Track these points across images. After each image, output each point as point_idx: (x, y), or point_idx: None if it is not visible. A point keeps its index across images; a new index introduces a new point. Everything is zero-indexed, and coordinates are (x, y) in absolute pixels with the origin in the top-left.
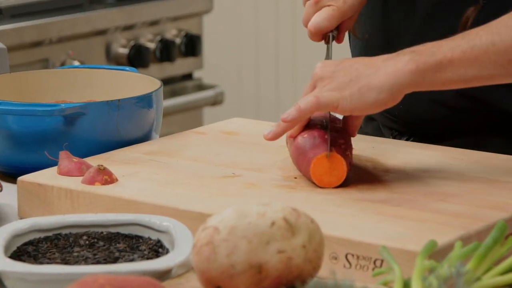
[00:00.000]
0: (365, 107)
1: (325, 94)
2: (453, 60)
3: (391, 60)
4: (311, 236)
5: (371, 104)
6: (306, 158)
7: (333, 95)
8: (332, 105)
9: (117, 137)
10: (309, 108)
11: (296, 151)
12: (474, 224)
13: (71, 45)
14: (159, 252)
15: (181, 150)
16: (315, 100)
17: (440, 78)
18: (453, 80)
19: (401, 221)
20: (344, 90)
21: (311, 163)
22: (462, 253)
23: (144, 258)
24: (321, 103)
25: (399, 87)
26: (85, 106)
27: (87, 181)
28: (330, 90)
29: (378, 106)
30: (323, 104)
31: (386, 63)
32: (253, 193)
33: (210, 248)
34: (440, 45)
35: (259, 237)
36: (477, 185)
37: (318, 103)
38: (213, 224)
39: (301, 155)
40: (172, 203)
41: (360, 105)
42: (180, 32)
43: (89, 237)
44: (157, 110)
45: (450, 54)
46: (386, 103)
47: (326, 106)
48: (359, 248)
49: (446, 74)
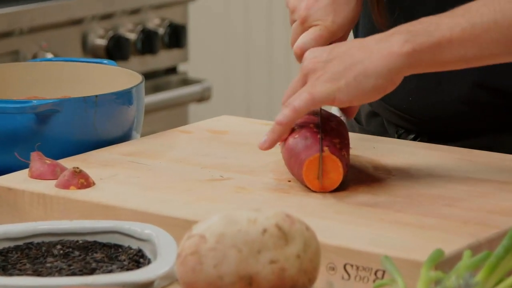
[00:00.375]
0: (364, 96)
1: (319, 88)
2: (452, 40)
3: (384, 41)
4: (306, 244)
5: (370, 92)
6: (298, 160)
7: (328, 87)
8: (328, 99)
9: (95, 137)
10: (304, 106)
11: (287, 154)
12: (484, 231)
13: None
14: (140, 263)
15: (165, 150)
16: (310, 97)
17: (439, 59)
18: (453, 61)
19: (404, 228)
20: (339, 80)
21: (303, 165)
22: (471, 263)
23: (124, 269)
24: (316, 98)
25: (397, 71)
26: (59, 102)
27: (62, 185)
28: (324, 82)
29: (377, 93)
30: (319, 100)
31: (380, 45)
32: (243, 197)
33: (196, 258)
34: (438, 22)
35: (249, 246)
36: (487, 188)
37: (313, 99)
38: (200, 232)
39: (292, 158)
40: (154, 209)
41: (358, 94)
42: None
43: (64, 246)
44: (138, 107)
45: (449, 34)
46: (385, 88)
47: (322, 101)
48: (359, 258)
49: (445, 55)
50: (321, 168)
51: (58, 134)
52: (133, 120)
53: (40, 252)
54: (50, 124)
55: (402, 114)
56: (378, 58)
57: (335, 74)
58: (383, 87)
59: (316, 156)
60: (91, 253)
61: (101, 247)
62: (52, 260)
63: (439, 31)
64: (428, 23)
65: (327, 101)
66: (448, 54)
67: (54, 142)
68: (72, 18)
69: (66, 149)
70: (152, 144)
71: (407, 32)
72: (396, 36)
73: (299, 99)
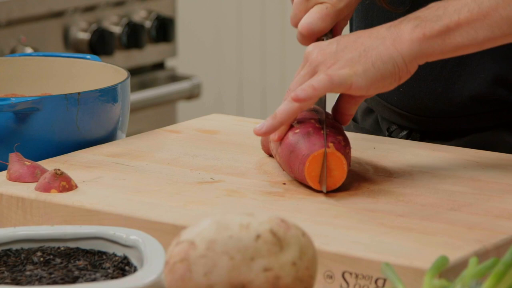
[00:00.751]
0: (381, 83)
1: (337, 72)
2: (461, 23)
3: (395, 28)
4: (303, 251)
5: (387, 78)
6: (299, 156)
7: (345, 72)
8: (346, 83)
9: (77, 137)
10: (323, 86)
11: (286, 150)
12: (491, 237)
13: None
14: (125, 270)
15: (152, 151)
16: (328, 78)
17: (451, 44)
18: (465, 44)
19: (407, 233)
20: (356, 66)
21: (306, 161)
22: (477, 270)
23: (108, 277)
24: (335, 81)
25: (410, 58)
26: (40, 100)
27: (42, 188)
28: (340, 69)
29: (394, 80)
30: (337, 82)
31: (391, 32)
32: (235, 201)
33: (185, 265)
34: (445, 6)
35: (242, 252)
36: (494, 191)
37: (332, 81)
38: (189, 238)
39: (293, 153)
40: (141, 213)
41: (377, 80)
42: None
43: (44, 253)
44: (124, 105)
45: (456, 16)
46: (401, 76)
47: (340, 84)
48: (358, 265)
49: (455, 39)
50: (326, 165)
51: (38, 134)
52: (118, 119)
53: (19, 260)
54: (30, 123)
55: (394, 108)
56: (391, 44)
57: (349, 61)
58: (399, 75)
59: (320, 152)
60: (74, 261)
61: (84, 254)
62: (32, 268)
63: (447, 15)
64: (436, 7)
65: (344, 86)
66: (458, 38)
67: (34, 142)
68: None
69: (47, 149)
70: (138, 144)
71: (415, 18)
72: (405, 23)
73: (317, 80)
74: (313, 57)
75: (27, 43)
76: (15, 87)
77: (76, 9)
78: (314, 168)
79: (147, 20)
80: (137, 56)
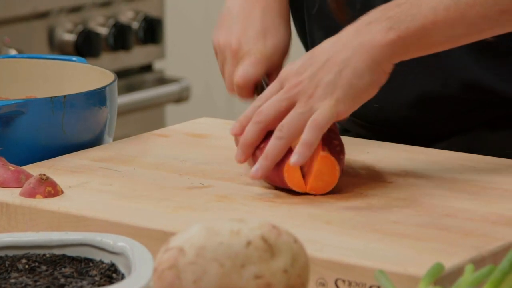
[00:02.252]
0: (362, 96)
1: (320, 110)
2: (437, 22)
3: (365, 33)
4: (294, 258)
5: (367, 90)
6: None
7: (327, 105)
8: (333, 117)
9: (63, 141)
10: (315, 137)
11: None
12: (488, 243)
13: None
14: (113, 278)
15: (139, 156)
16: (316, 124)
17: (426, 42)
18: (441, 42)
19: (401, 240)
20: (336, 91)
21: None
22: (473, 278)
23: (95, 285)
24: (323, 124)
25: (385, 61)
26: (24, 103)
27: (27, 194)
28: (320, 101)
29: (373, 88)
30: (325, 124)
31: (361, 39)
32: (225, 207)
33: (174, 272)
34: (418, 4)
35: (232, 259)
36: (491, 197)
37: (320, 126)
38: (178, 244)
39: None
40: (128, 219)
41: (357, 98)
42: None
43: (29, 260)
44: (111, 108)
45: (432, 16)
46: (379, 81)
47: (328, 123)
48: (352, 272)
49: (432, 38)
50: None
51: (23, 138)
52: (105, 123)
53: (3, 267)
54: (14, 127)
55: (354, 119)
56: (363, 53)
57: (327, 87)
58: (377, 81)
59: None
60: (60, 268)
61: (70, 261)
62: (16, 275)
63: (422, 14)
64: (408, 4)
65: (332, 120)
66: (435, 37)
67: (18, 146)
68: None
69: (32, 154)
70: (126, 148)
71: (387, 18)
72: (376, 25)
73: (307, 132)
74: (290, 83)
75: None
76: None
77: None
78: (293, 175)
79: (134, 21)
80: (124, 58)
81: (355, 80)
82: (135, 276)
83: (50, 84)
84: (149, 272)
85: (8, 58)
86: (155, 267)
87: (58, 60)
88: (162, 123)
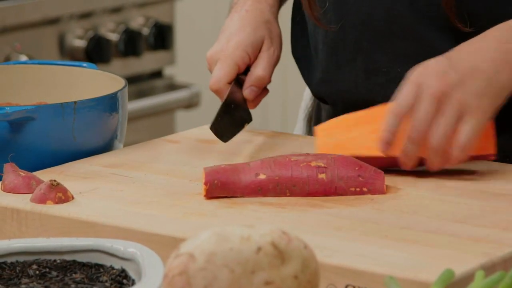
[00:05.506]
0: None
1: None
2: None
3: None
4: (305, 264)
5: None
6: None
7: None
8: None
9: (73, 147)
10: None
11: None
12: (498, 250)
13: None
14: (123, 284)
15: (150, 162)
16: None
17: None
18: None
19: (411, 246)
20: (483, 97)
21: None
22: (484, 284)
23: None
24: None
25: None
26: (35, 109)
27: (37, 199)
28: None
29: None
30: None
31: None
32: (235, 213)
33: (184, 278)
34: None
35: (242, 265)
36: (502, 203)
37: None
38: (188, 250)
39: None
40: (138, 225)
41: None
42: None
43: (40, 266)
44: (121, 114)
45: None
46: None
47: (485, 123)
48: (362, 278)
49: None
50: None
51: (34, 144)
52: (115, 129)
53: (14, 273)
54: (25, 133)
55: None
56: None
57: (478, 92)
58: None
59: None
60: (70, 274)
61: (81, 267)
62: (27, 281)
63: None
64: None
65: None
66: None
67: (29, 152)
68: (48, 16)
69: (42, 160)
70: (136, 154)
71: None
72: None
73: (464, 136)
74: (434, 89)
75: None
76: (10, 96)
77: (72, 16)
78: None
79: (144, 27)
80: (135, 64)
81: (502, 91)
82: (145, 282)
83: (61, 90)
84: (160, 278)
85: (18, 64)
86: (165, 273)
87: (68, 66)
88: (172, 129)
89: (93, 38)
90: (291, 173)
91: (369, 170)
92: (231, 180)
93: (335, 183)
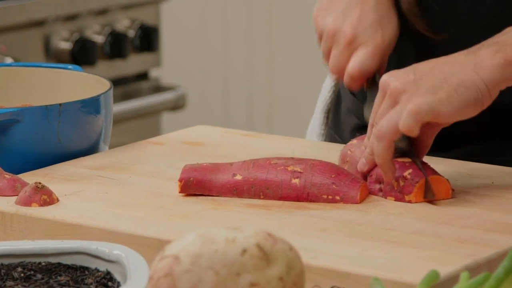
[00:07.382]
0: (466, 110)
1: (420, 100)
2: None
3: (474, 54)
4: (290, 266)
5: (471, 105)
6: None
7: (429, 99)
8: (433, 112)
9: (58, 149)
10: (413, 120)
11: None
12: (483, 251)
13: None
14: (108, 286)
15: (135, 164)
16: (416, 109)
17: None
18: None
19: (396, 247)
20: (439, 92)
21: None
22: (469, 285)
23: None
24: (423, 110)
25: (493, 83)
26: (20, 112)
27: (22, 202)
28: (422, 96)
29: (477, 107)
30: (425, 111)
31: (470, 58)
32: (221, 215)
33: (169, 280)
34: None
35: (228, 267)
36: (487, 205)
37: (420, 111)
38: (173, 252)
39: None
40: (124, 227)
41: (462, 107)
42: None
43: (25, 268)
44: (106, 117)
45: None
46: (483, 102)
47: (428, 113)
48: (347, 280)
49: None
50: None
51: (18, 146)
52: (100, 131)
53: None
54: (10, 135)
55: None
56: (472, 70)
57: (431, 88)
58: (482, 101)
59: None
60: (55, 276)
61: (66, 270)
62: (12, 284)
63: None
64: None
65: (432, 114)
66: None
67: (14, 154)
68: (33, 19)
69: (27, 162)
70: (121, 157)
71: (494, 43)
72: (484, 49)
73: (405, 116)
74: (392, 87)
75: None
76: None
77: (57, 18)
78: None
79: (130, 29)
80: (120, 66)
81: (461, 88)
82: (130, 284)
83: (46, 92)
84: (145, 280)
85: (3, 66)
86: (150, 275)
87: (53, 68)
88: (158, 131)
89: (78, 40)
90: (266, 176)
91: (346, 178)
92: (207, 178)
93: (307, 189)
